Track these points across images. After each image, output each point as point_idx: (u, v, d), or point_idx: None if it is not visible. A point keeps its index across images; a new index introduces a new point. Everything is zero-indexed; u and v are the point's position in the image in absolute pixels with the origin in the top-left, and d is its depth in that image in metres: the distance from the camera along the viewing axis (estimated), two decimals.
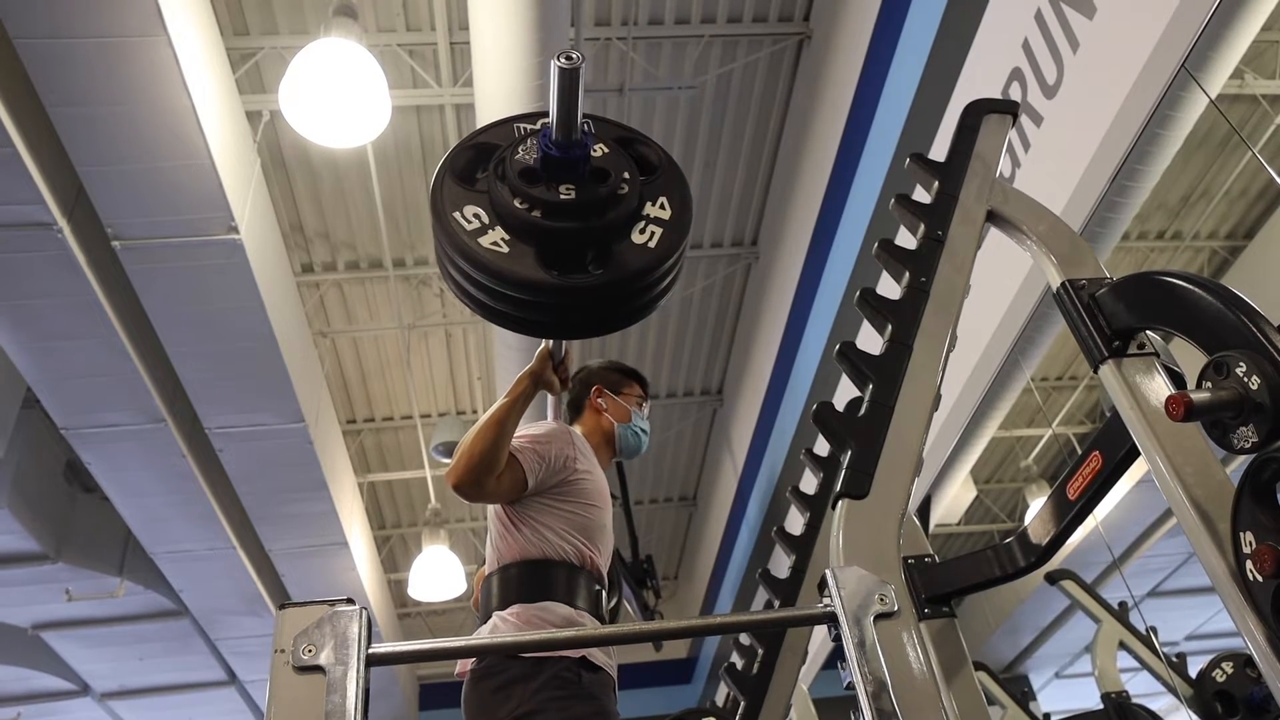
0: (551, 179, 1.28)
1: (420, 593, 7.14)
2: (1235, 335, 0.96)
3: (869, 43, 4.39)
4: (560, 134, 1.24)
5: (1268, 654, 0.91)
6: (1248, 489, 0.92)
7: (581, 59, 1.14)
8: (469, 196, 1.31)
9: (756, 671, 2.32)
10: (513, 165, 1.29)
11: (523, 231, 1.27)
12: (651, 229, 1.33)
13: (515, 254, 1.26)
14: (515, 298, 1.28)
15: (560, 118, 1.21)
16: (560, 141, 1.25)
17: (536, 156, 1.28)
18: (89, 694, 7.61)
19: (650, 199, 1.36)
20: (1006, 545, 1.34)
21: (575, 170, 1.28)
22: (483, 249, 1.26)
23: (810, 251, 5.30)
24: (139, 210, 3.79)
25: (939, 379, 1.30)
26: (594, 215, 1.28)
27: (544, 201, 1.26)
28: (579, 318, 1.36)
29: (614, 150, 1.35)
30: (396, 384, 6.76)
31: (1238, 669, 2.94)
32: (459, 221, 1.27)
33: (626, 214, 1.31)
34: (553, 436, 2.00)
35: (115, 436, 4.75)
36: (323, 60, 3.79)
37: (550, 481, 1.95)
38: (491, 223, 1.28)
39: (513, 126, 1.39)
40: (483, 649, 1.68)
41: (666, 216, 1.35)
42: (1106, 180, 2.73)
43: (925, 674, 0.96)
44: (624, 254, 1.29)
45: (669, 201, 1.37)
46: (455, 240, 1.26)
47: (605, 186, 1.29)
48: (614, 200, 1.30)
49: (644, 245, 1.31)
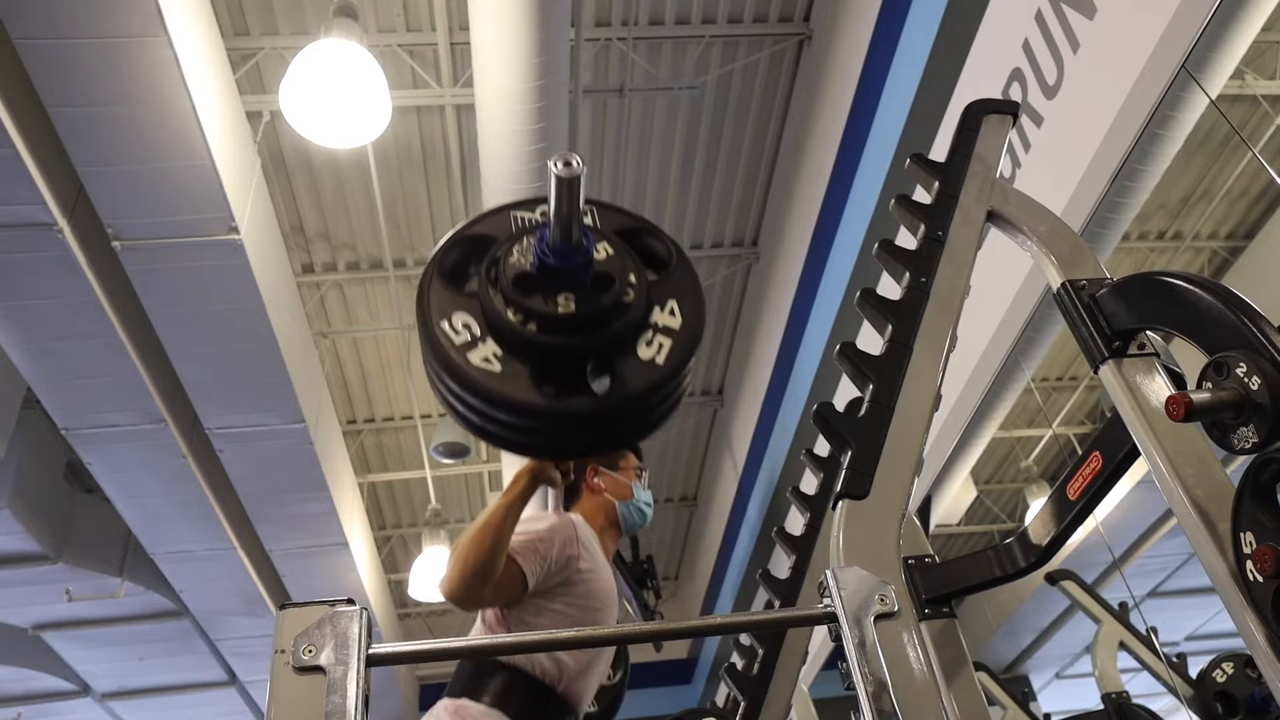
0: (549, 288, 1.14)
1: (420, 593, 7.14)
2: (1235, 335, 0.96)
3: (869, 43, 4.39)
4: (559, 240, 1.12)
5: (1268, 654, 0.91)
6: (1248, 489, 0.92)
7: (581, 165, 1.03)
8: (459, 301, 1.17)
9: (757, 672, 2.32)
10: (507, 269, 1.15)
11: (517, 347, 1.13)
12: (660, 340, 1.18)
13: (508, 373, 1.12)
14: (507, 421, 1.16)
15: (559, 224, 1.10)
16: (559, 248, 1.13)
17: (533, 262, 1.15)
18: (89, 694, 7.61)
19: (659, 303, 1.20)
20: (1007, 546, 1.34)
21: (575, 278, 1.15)
22: (472, 367, 1.12)
23: (810, 251, 5.30)
24: (139, 210, 3.79)
25: (939, 379, 1.30)
26: (596, 328, 1.14)
27: (540, 314, 1.13)
28: (576, 440, 1.23)
29: (618, 248, 1.21)
30: (396, 384, 6.76)
31: (1238, 669, 2.94)
32: (447, 333, 1.13)
33: (632, 324, 1.16)
34: (554, 533, 1.89)
35: (115, 437, 4.75)
36: (323, 60, 3.79)
37: (550, 582, 1.85)
38: (482, 335, 1.14)
39: (509, 216, 1.25)
40: (483, 649, 1.68)
41: (676, 325, 1.19)
42: (1107, 180, 2.73)
43: (925, 674, 0.96)
44: (628, 371, 1.15)
45: (679, 306, 1.21)
46: (442, 355, 1.13)
47: (609, 295, 1.14)
48: (618, 310, 1.15)
49: (650, 361, 1.16)
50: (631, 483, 2.14)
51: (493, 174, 4.17)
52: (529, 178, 4.10)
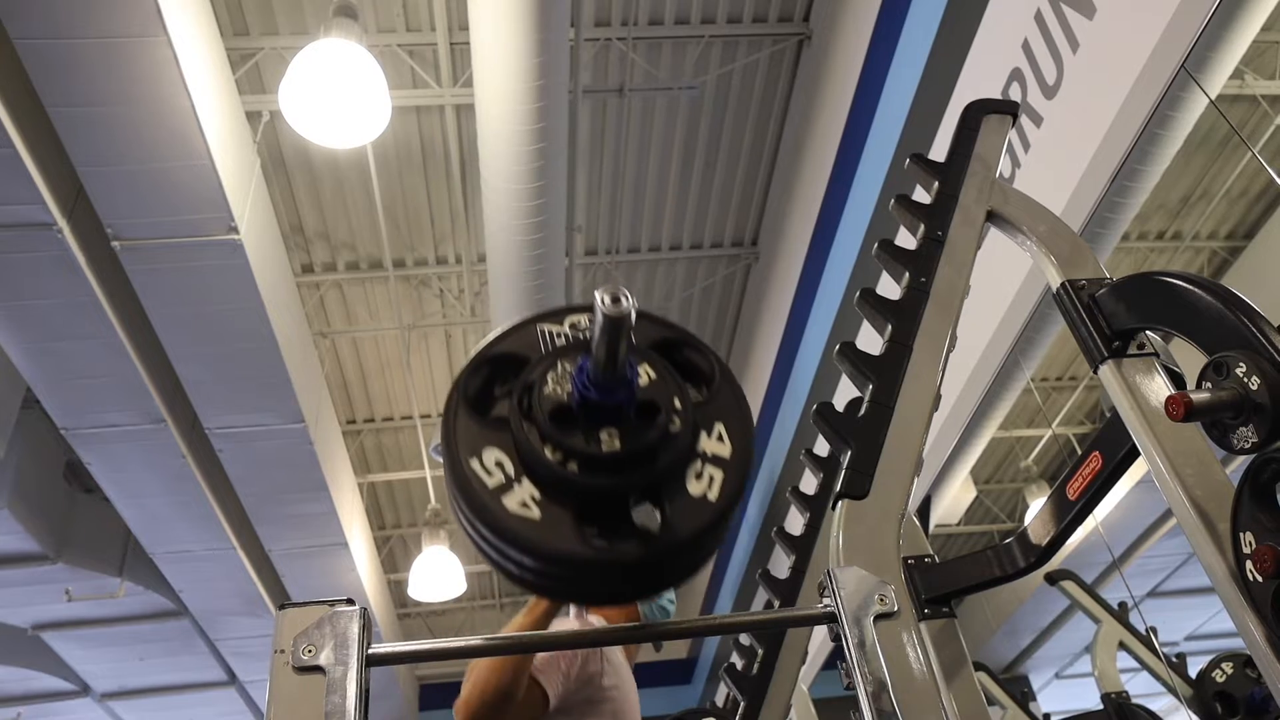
0: (590, 422, 1.03)
1: (420, 593, 7.14)
2: (1235, 335, 0.96)
3: (869, 43, 4.39)
4: (603, 376, 1.02)
5: (1267, 654, 0.91)
6: (1248, 489, 0.92)
7: (632, 302, 0.91)
8: (489, 436, 1.05)
9: (756, 672, 2.32)
10: (542, 401, 1.04)
11: (557, 489, 1.02)
12: (710, 472, 1.06)
13: (548, 520, 1.01)
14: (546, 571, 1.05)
15: (605, 362, 0.99)
16: (602, 382, 1.02)
17: (573, 394, 1.04)
18: (89, 694, 7.61)
19: (705, 427, 1.08)
20: (1006, 545, 1.34)
21: (619, 411, 1.04)
22: (509, 514, 1.00)
23: (810, 251, 5.31)
24: (139, 210, 3.79)
25: (939, 379, 1.30)
26: (643, 465, 1.03)
27: (582, 453, 1.02)
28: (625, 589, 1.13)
29: (659, 368, 1.09)
30: (396, 384, 6.76)
31: (1238, 669, 2.93)
32: (478, 474, 1.02)
33: (680, 455, 1.05)
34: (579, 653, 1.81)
35: (115, 437, 4.75)
36: (323, 60, 3.79)
37: (572, 700, 1.78)
38: (517, 475, 1.03)
39: (536, 330, 1.13)
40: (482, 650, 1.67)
41: (726, 454, 1.08)
42: (1106, 180, 2.73)
43: (925, 674, 0.96)
44: (679, 510, 1.03)
45: (728, 430, 1.09)
46: (475, 500, 1.01)
47: (655, 427, 1.03)
48: (666, 442, 1.04)
49: (702, 497, 1.04)
50: None
51: (492, 174, 4.17)
52: (529, 178, 4.10)
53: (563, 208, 4.46)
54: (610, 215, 5.79)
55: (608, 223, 5.83)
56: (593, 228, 5.82)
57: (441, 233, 5.77)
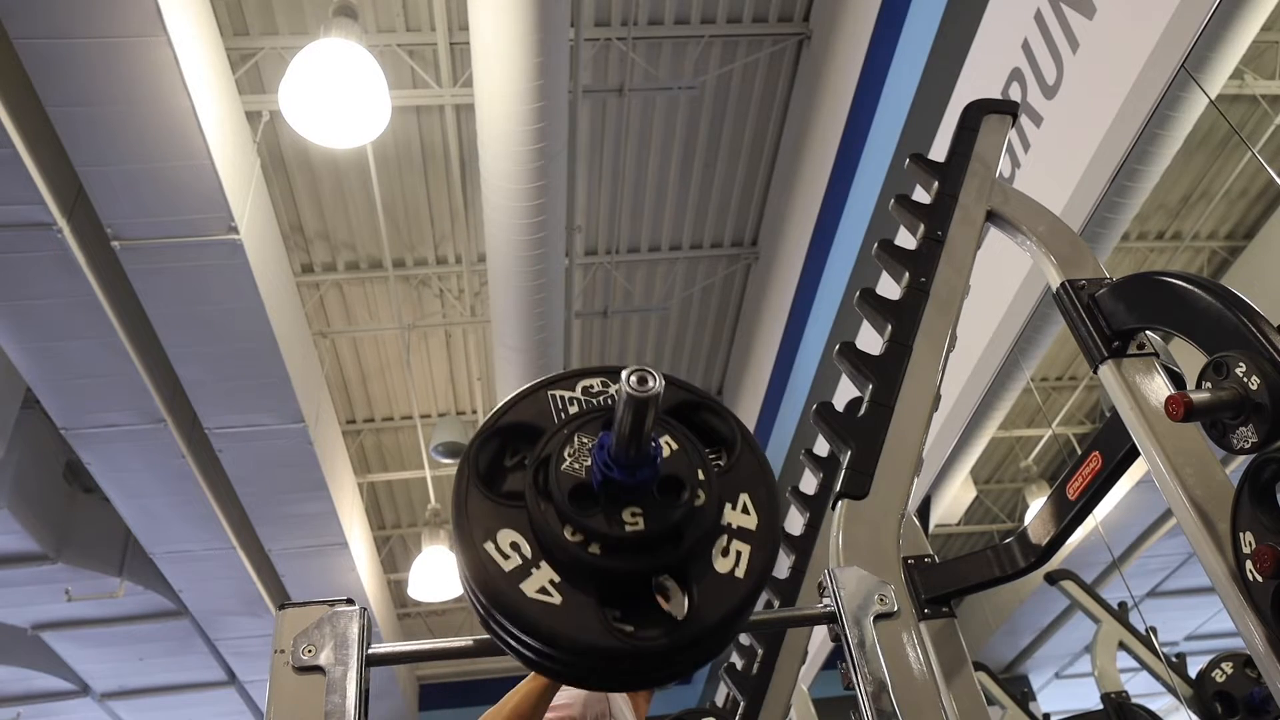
0: (612, 502, 0.98)
1: (420, 593, 7.14)
2: (1235, 335, 0.96)
3: (869, 43, 4.39)
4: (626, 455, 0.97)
5: (1267, 654, 0.91)
6: (1247, 489, 0.92)
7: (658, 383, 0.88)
8: (502, 515, 1.00)
9: (756, 672, 2.32)
10: (560, 479, 0.98)
11: (578, 573, 0.97)
12: (736, 548, 1.01)
13: (570, 606, 0.96)
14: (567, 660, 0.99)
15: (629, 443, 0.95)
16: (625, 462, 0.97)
17: (593, 472, 0.99)
18: (89, 694, 7.61)
19: (729, 499, 1.04)
20: (1006, 545, 1.34)
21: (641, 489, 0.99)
22: (528, 600, 0.95)
23: (810, 251, 5.31)
24: (139, 210, 3.79)
25: (939, 379, 1.30)
26: (668, 544, 0.98)
27: (604, 535, 0.97)
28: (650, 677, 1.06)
29: (680, 437, 1.04)
30: (396, 384, 6.76)
31: (1237, 669, 2.93)
32: (494, 557, 0.97)
33: (706, 531, 1.00)
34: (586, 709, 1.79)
35: (115, 437, 4.75)
36: (323, 60, 3.79)
37: None
38: (535, 559, 0.98)
39: (546, 396, 1.08)
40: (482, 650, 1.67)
41: (753, 526, 1.03)
42: (1106, 180, 2.73)
43: (925, 674, 0.96)
44: (706, 590, 0.98)
45: (752, 501, 1.04)
46: (491, 585, 0.96)
47: (679, 504, 0.98)
48: (691, 519, 0.99)
49: (730, 575, 0.99)
50: None
51: (492, 174, 4.17)
52: (529, 178, 4.10)
53: (563, 208, 4.46)
54: (610, 215, 5.79)
55: (608, 223, 5.83)
56: (593, 228, 5.82)
57: (441, 233, 5.77)
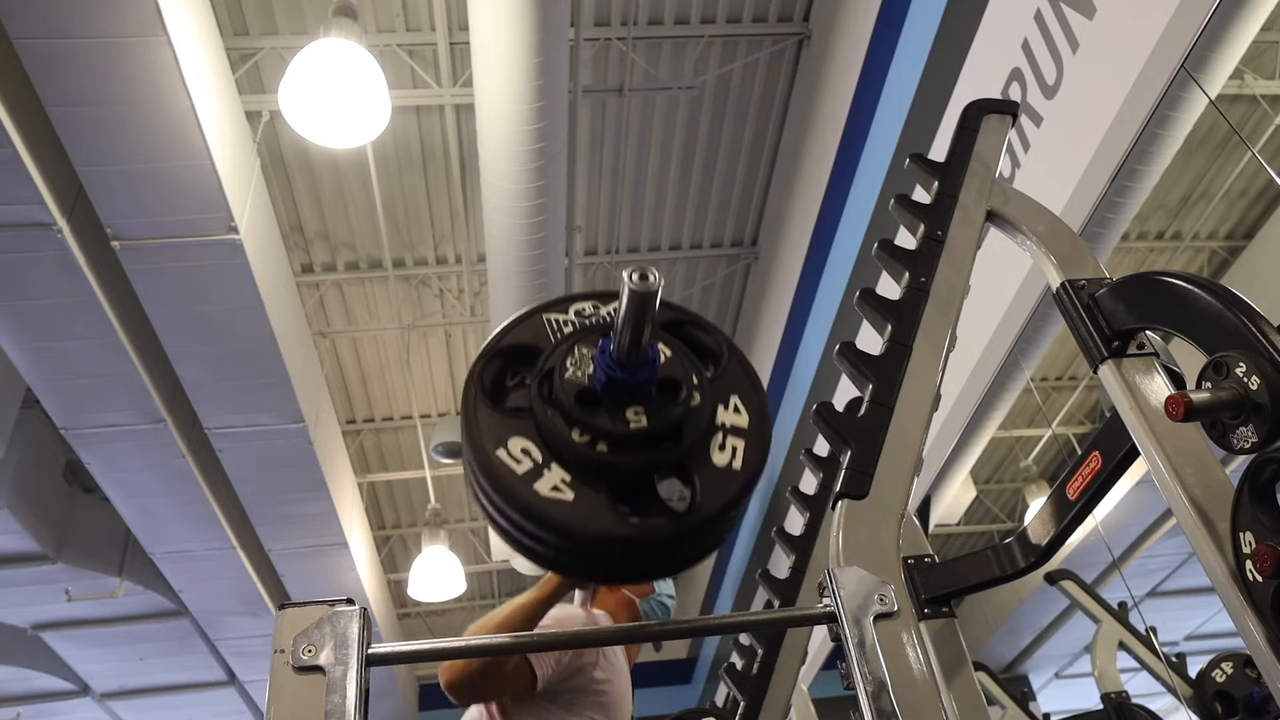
0: (615, 402, 1.05)
1: (420, 593, 7.14)
2: (1235, 335, 0.96)
3: (869, 43, 4.39)
4: (628, 354, 1.04)
5: (1267, 654, 0.91)
6: (1247, 489, 0.92)
7: (659, 279, 0.94)
8: (508, 425, 1.06)
9: (756, 672, 2.32)
10: (565, 387, 1.05)
11: (587, 471, 1.04)
12: (732, 442, 1.10)
13: (583, 501, 1.02)
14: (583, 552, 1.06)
15: (631, 340, 1.02)
16: (627, 361, 1.04)
17: (596, 375, 1.06)
18: (89, 694, 7.61)
19: (721, 400, 1.12)
20: (1006, 545, 1.34)
21: (642, 389, 1.06)
22: (543, 499, 1.02)
23: (810, 251, 5.31)
24: (139, 210, 3.79)
25: (939, 379, 1.30)
26: (669, 440, 1.06)
27: (610, 433, 1.04)
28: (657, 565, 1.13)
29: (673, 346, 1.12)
30: (396, 384, 6.76)
31: (1237, 669, 2.93)
32: (506, 463, 1.03)
33: (703, 428, 1.08)
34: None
35: (115, 436, 4.75)
36: (323, 60, 3.79)
37: (559, 685, 1.77)
38: (545, 461, 1.04)
39: (542, 320, 1.15)
40: (482, 649, 1.67)
41: (745, 423, 1.12)
42: (1106, 180, 2.73)
43: (925, 674, 0.96)
44: (708, 482, 1.06)
45: (743, 401, 1.14)
46: (506, 489, 1.02)
47: (678, 402, 1.06)
48: (689, 417, 1.07)
49: (728, 466, 1.08)
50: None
51: (492, 174, 4.17)
52: (529, 178, 4.10)
53: (563, 208, 4.46)
54: (610, 215, 5.79)
55: (608, 223, 5.83)
56: (593, 228, 5.82)
57: (441, 233, 5.77)
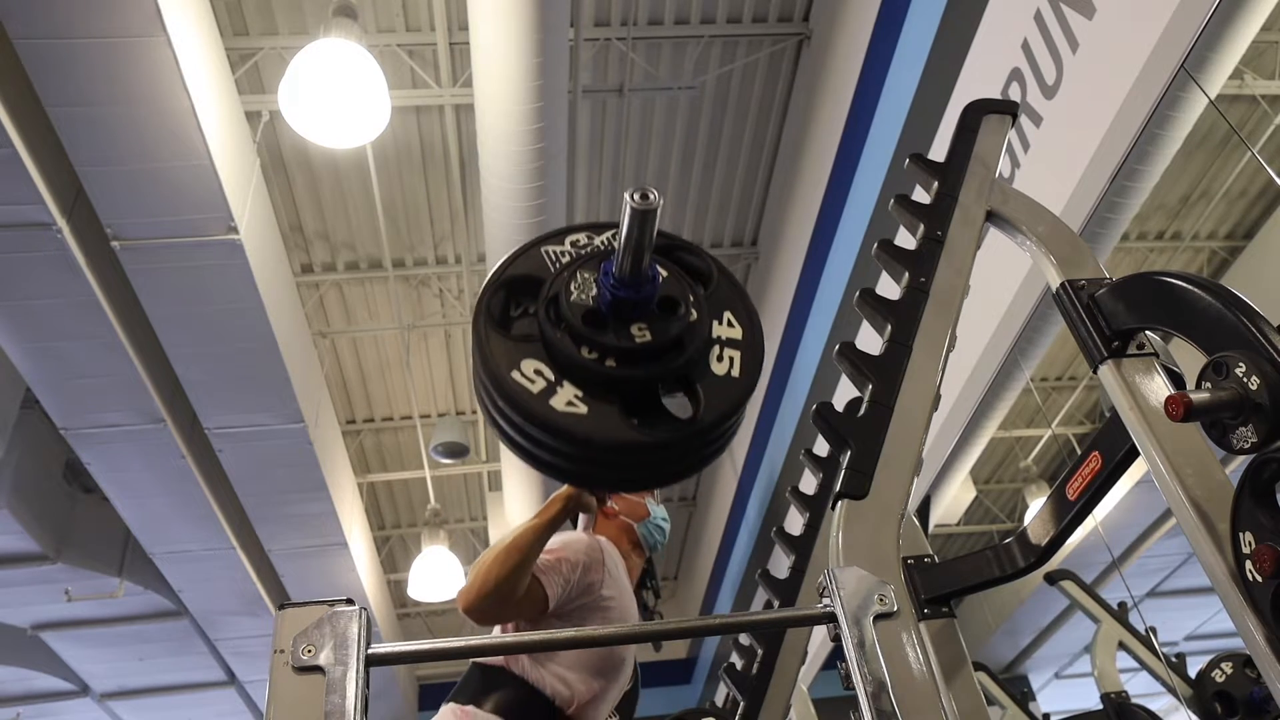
0: (620, 320, 1.12)
1: (420, 593, 7.14)
2: (1235, 335, 0.96)
3: (869, 43, 4.39)
4: (630, 273, 1.10)
5: (1267, 654, 0.91)
6: (1247, 489, 0.92)
7: (659, 198, 1.00)
8: (519, 349, 1.13)
9: (756, 672, 2.32)
10: (571, 308, 1.12)
11: (598, 386, 1.11)
12: (729, 354, 1.18)
13: (596, 414, 1.09)
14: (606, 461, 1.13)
15: (632, 258, 1.08)
16: (630, 280, 1.11)
17: (600, 296, 1.12)
18: (89, 694, 7.61)
19: (715, 316, 1.20)
20: (1006, 546, 1.34)
21: (643, 307, 1.13)
22: (559, 413, 1.08)
23: (810, 251, 5.30)
24: (139, 210, 3.79)
25: (939, 379, 1.30)
26: (673, 354, 1.13)
27: (617, 349, 1.10)
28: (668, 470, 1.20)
29: (669, 267, 1.20)
30: (396, 384, 6.76)
31: (1237, 669, 2.94)
32: (521, 384, 1.09)
33: (702, 343, 1.16)
34: (581, 555, 1.87)
35: (115, 437, 4.75)
36: (322, 60, 3.79)
37: (570, 605, 1.83)
38: (558, 379, 1.11)
39: (540, 252, 1.22)
40: (482, 649, 1.67)
41: (739, 335, 1.19)
42: (1106, 180, 2.73)
43: (925, 674, 0.96)
44: (710, 390, 1.13)
45: (735, 316, 1.21)
46: (523, 407, 1.08)
47: (678, 318, 1.13)
48: (689, 331, 1.14)
49: (727, 375, 1.16)
50: (645, 500, 2.13)
51: (492, 174, 4.17)
52: (529, 178, 4.10)
53: (563, 208, 4.46)
54: (610, 215, 5.77)
55: None
56: None
57: (441, 233, 5.77)
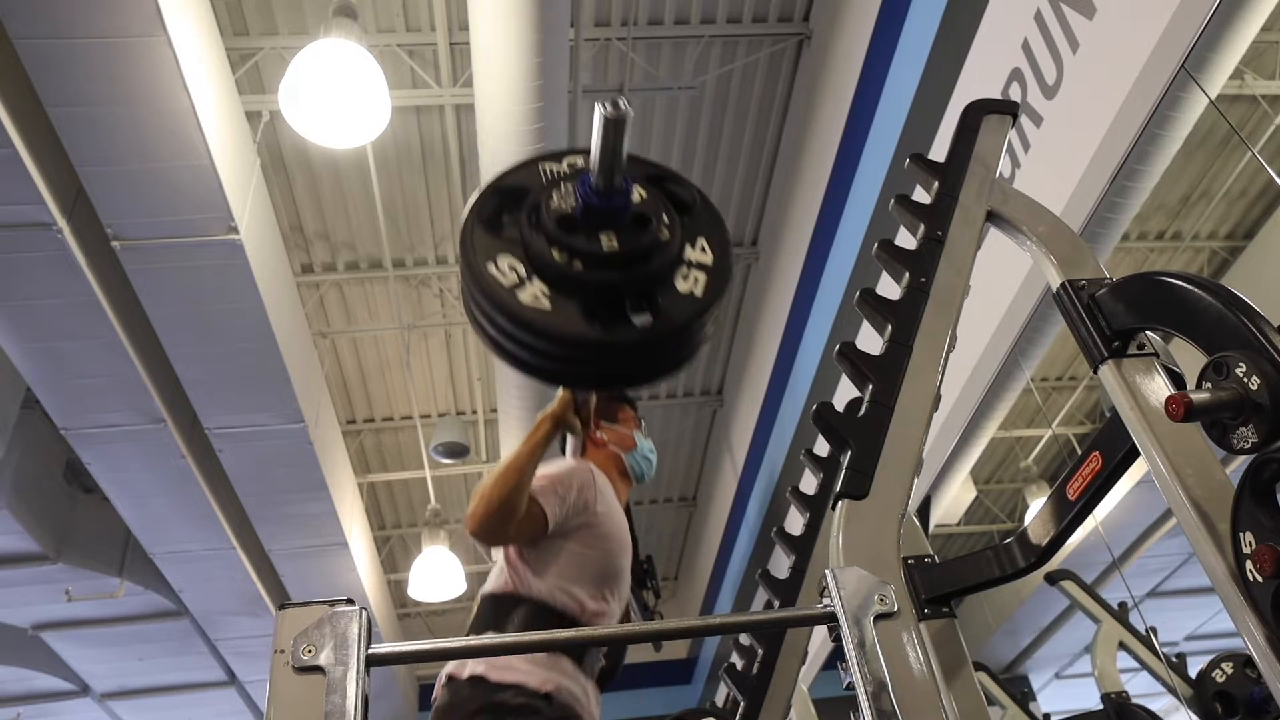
0: (592, 227, 1.21)
1: (420, 593, 7.14)
2: (1235, 335, 0.96)
3: (869, 43, 4.39)
4: (603, 182, 1.19)
5: (1267, 654, 0.91)
6: (1247, 489, 0.92)
7: (628, 108, 1.09)
8: (500, 246, 1.22)
9: (756, 672, 2.32)
10: (549, 213, 1.21)
11: (564, 284, 1.20)
12: (695, 275, 1.26)
13: (558, 310, 1.18)
14: (563, 356, 1.22)
15: (604, 166, 1.16)
16: (602, 189, 1.19)
17: (576, 204, 1.21)
18: (89, 694, 7.61)
19: (690, 242, 1.29)
20: (1006, 546, 1.34)
21: (616, 218, 1.22)
22: (524, 305, 1.18)
23: (810, 251, 5.30)
24: (139, 210, 3.79)
25: (939, 379, 1.30)
26: (638, 264, 1.22)
27: (585, 252, 1.19)
28: (622, 371, 1.29)
29: (650, 191, 1.28)
30: (396, 384, 6.76)
31: (1237, 669, 2.94)
32: (495, 275, 1.19)
33: (669, 260, 1.25)
34: (574, 476, 1.97)
35: (115, 437, 4.75)
36: (323, 60, 3.79)
37: (569, 524, 1.92)
38: (529, 275, 1.20)
39: (538, 168, 1.32)
40: (482, 649, 1.68)
41: (709, 261, 1.28)
42: (1106, 180, 2.73)
43: (925, 674, 0.96)
44: (670, 303, 1.22)
45: (709, 244, 1.30)
46: (493, 295, 1.18)
47: (647, 233, 1.22)
48: (657, 247, 1.23)
49: (690, 293, 1.24)
50: (632, 432, 2.22)
51: (492, 174, 4.16)
52: None
53: None
54: None
55: None
56: None
57: (441, 233, 5.77)
